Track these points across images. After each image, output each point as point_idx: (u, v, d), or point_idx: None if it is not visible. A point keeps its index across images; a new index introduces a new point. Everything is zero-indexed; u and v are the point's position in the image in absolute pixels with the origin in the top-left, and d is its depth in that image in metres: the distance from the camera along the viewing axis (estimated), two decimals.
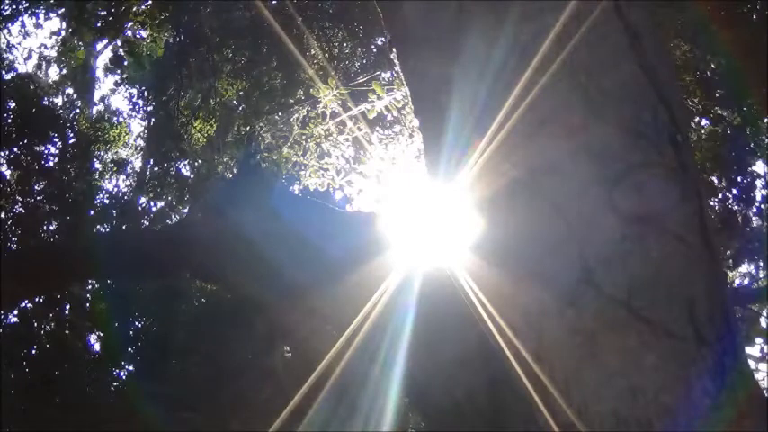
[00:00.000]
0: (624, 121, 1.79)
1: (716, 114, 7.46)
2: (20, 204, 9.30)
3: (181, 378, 10.02)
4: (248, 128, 8.66)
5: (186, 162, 10.85)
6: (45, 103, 10.42)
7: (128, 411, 9.32)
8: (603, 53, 1.86)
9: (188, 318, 10.94)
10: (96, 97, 13.11)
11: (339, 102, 6.03)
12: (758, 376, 8.06)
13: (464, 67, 2.03)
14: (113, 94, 12.59)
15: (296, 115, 7.52)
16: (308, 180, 6.67)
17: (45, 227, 9.50)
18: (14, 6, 9.68)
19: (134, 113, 11.31)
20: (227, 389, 9.69)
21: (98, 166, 11.41)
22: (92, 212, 10.11)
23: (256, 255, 4.91)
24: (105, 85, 15.72)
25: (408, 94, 2.47)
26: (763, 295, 8.55)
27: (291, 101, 8.36)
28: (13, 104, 9.24)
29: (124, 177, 11.92)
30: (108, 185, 11.57)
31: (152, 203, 11.59)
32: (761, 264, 8.52)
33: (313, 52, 7.99)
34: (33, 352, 9.82)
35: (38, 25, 10.57)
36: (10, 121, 9.11)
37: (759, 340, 8.30)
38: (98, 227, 10.13)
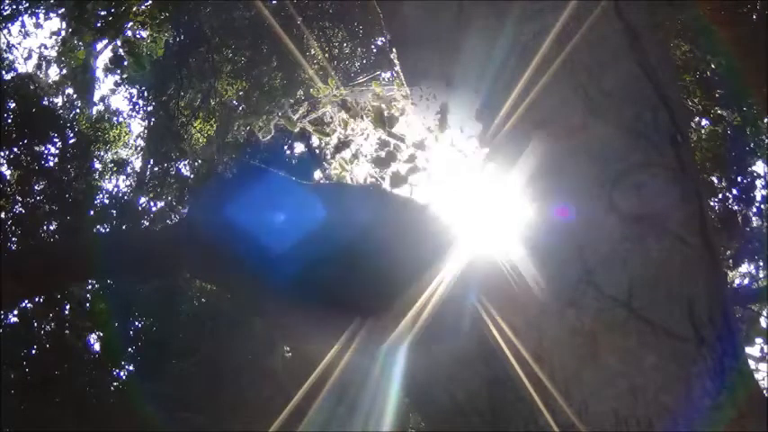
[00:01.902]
0: (624, 121, 1.79)
1: (716, 114, 7.45)
2: (20, 204, 9.29)
3: (181, 378, 10.00)
4: (248, 128, 8.65)
5: (186, 162, 10.86)
6: (45, 103, 10.41)
7: (128, 411, 9.31)
8: (603, 53, 1.86)
9: (188, 318, 10.93)
10: (96, 97, 13.11)
11: (339, 102, 6.01)
12: (758, 376, 8.05)
13: (464, 67, 2.03)
14: (113, 94, 12.57)
15: (296, 115, 7.50)
16: None
17: (45, 227, 9.48)
18: (14, 6, 9.68)
19: (134, 113, 11.32)
20: (227, 389, 9.68)
21: (98, 166, 11.41)
22: (92, 212, 10.09)
23: None
24: (105, 85, 15.80)
25: (408, 94, 2.47)
26: (763, 295, 8.53)
27: (291, 101, 8.35)
28: (13, 104, 9.23)
29: (124, 177, 11.94)
30: (108, 185, 11.59)
31: (152, 203, 11.59)
32: (761, 264, 8.50)
33: (313, 52, 7.99)
34: (33, 352, 9.80)
35: (38, 25, 10.60)
36: (10, 121, 9.10)
37: (759, 340, 8.27)
38: (98, 227, 10.11)
